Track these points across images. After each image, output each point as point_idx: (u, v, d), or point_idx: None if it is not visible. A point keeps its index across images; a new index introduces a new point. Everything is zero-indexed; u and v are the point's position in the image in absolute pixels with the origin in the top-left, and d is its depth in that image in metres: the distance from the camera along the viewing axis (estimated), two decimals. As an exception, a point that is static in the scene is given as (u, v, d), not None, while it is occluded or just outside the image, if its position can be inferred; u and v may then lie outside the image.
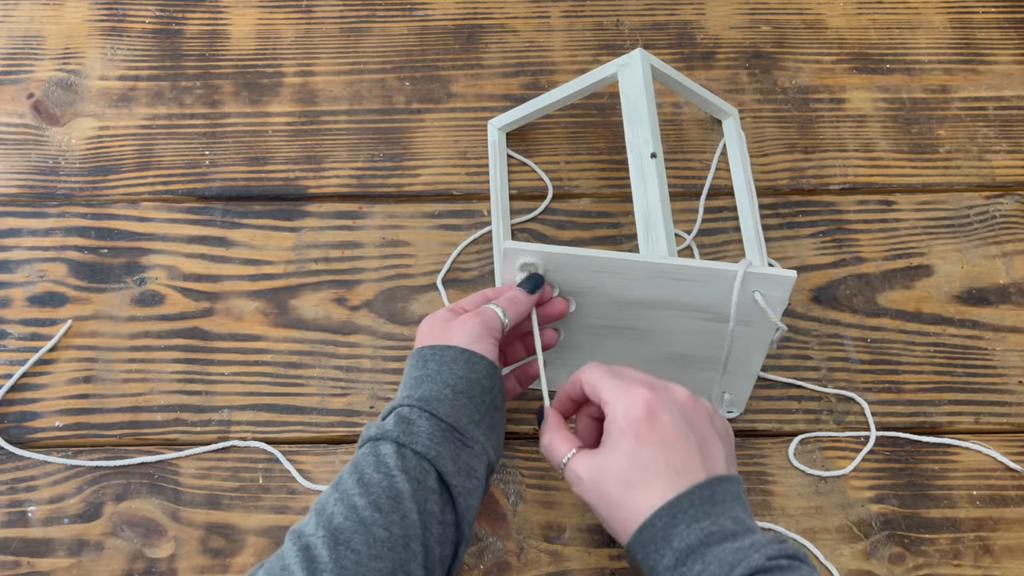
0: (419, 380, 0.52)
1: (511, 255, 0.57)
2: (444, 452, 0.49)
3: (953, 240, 0.74)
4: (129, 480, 0.65)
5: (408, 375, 0.54)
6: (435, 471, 0.49)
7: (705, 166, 0.77)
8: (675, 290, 0.57)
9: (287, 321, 0.71)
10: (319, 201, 0.75)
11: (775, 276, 0.56)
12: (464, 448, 0.50)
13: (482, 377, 0.52)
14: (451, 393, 0.51)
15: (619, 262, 0.57)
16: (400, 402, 0.51)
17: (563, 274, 0.58)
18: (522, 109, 0.76)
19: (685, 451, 0.47)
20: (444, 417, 0.50)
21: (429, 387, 0.51)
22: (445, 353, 0.53)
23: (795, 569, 0.44)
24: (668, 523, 0.45)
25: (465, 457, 0.50)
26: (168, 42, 0.82)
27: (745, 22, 0.84)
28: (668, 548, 0.45)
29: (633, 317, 0.60)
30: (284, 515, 0.64)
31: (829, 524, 0.64)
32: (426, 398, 0.51)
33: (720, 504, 0.46)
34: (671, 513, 0.45)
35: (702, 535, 0.44)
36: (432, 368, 0.52)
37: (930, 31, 0.84)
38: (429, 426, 0.49)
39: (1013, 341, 0.71)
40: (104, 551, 0.63)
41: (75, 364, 0.69)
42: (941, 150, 0.78)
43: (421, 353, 0.54)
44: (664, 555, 0.45)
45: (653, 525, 0.45)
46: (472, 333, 0.53)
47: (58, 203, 0.75)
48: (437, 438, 0.49)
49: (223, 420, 0.67)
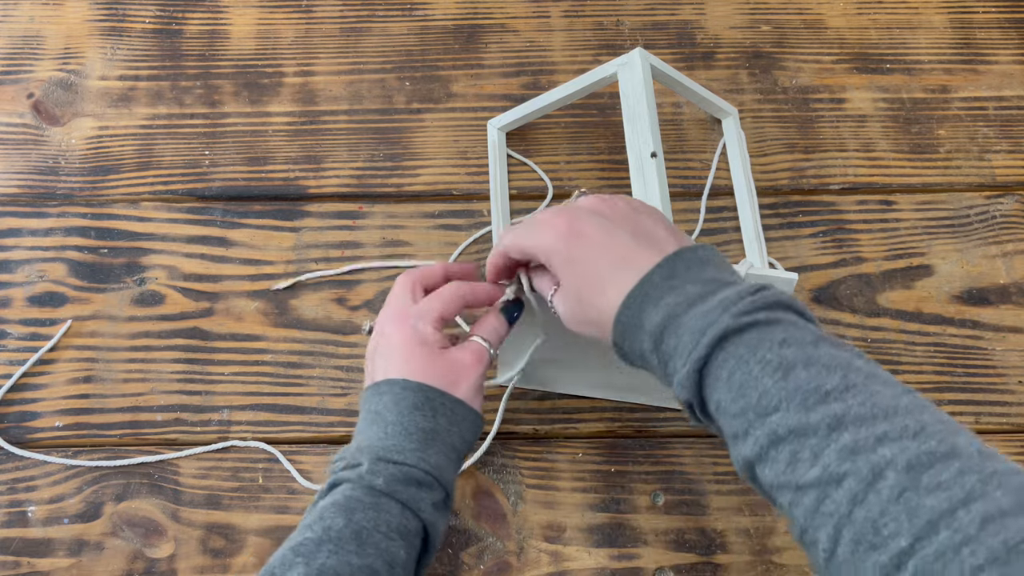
0: (429, 435, 0.50)
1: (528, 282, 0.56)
2: (439, 519, 0.50)
3: (953, 240, 0.74)
4: (129, 480, 0.65)
5: (411, 417, 0.50)
6: (424, 535, 0.49)
7: (705, 166, 0.77)
8: None
9: (287, 321, 0.70)
10: (319, 201, 0.75)
11: (777, 278, 0.56)
12: (448, 512, 0.51)
13: (475, 438, 0.53)
14: (456, 458, 0.52)
15: None
16: (413, 460, 0.48)
17: None
18: (522, 109, 0.76)
19: (621, 246, 0.45)
20: (447, 485, 0.50)
21: (439, 448, 0.50)
22: (455, 412, 0.51)
23: (773, 324, 0.41)
24: (636, 312, 0.44)
25: (446, 520, 0.51)
26: (168, 42, 0.82)
27: (745, 22, 0.84)
28: (643, 333, 0.44)
29: None
30: (284, 515, 0.64)
31: (829, 524, 0.64)
32: (440, 466, 0.50)
33: (683, 275, 0.44)
34: (637, 301, 0.44)
35: (668, 309, 0.43)
36: (442, 424, 0.50)
37: (930, 31, 0.83)
38: (435, 495, 0.50)
39: (1013, 341, 0.71)
40: (104, 551, 0.63)
41: (75, 364, 0.69)
42: (941, 150, 0.78)
43: (428, 397, 0.50)
44: (643, 341, 0.44)
45: (621, 322, 0.45)
46: (477, 385, 0.52)
47: (58, 203, 0.75)
48: (440, 506, 0.50)
49: (223, 420, 0.67)
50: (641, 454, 0.66)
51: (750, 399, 0.39)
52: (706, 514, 0.64)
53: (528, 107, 0.75)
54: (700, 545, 0.63)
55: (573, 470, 0.65)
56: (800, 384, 0.38)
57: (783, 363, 0.39)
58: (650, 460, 0.65)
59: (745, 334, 0.40)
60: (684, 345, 0.42)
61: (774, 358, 0.40)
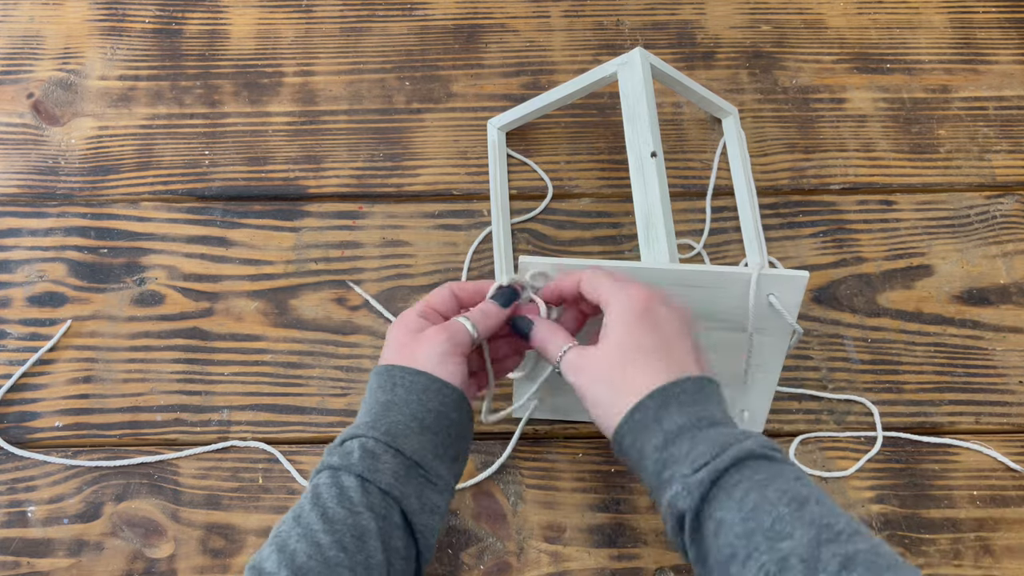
0: (386, 407, 0.50)
1: (526, 269, 0.56)
2: (409, 491, 0.48)
3: (953, 240, 0.74)
4: (129, 480, 0.65)
5: (374, 396, 0.51)
6: (399, 508, 0.47)
7: (706, 166, 0.77)
8: (688, 298, 0.56)
9: (287, 321, 0.70)
10: (319, 201, 0.75)
11: (789, 277, 0.55)
12: (428, 484, 0.49)
13: (450, 409, 0.51)
14: (417, 427, 0.49)
15: (631, 271, 0.56)
16: (364, 431, 0.49)
17: None
18: (522, 109, 0.76)
19: (682, 343, 0.49)
20: (410, 454, 0.48)
21: (395, 418, 0.49)
22: (415, 381, 0.50)
23: (784, 462, 0.45)
24: (661, 405, 0.46)
25: (429, 493, 0.49)
26: (168, 42, 0.82)
27: (745, 22, 0.84)
28: (658, 429, 0.46)
29: None
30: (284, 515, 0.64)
31: (829, 524, 0.64)
32: (392, 432, 0.49)
33: (708, 399, 0.47)
34: (664, 397, 0.46)
35: (692, 418, 0.46)
36: (400, 395, 0.50)
37: (930, 31, 0.83)
38: (394, 463, 0.48)
39: (1013, 341, 0.70)
40: (104, 551, 0.63)
41: (75, 364, 0.69)
42: (941, 150, 0.78)
43: (390, 373, 0.51)
44: (654, 435, 0.46)
45: (646, 406, 0.47)
46: (438, 352, 0.51)
47: (58, 203, 0.75)
48: (402, 475, 0.48)
49: (223, 420, 0.67)
50: (641, 454, 0.66)
51: (762, 522, 0.41)
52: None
53: (528, 107, 0.75)
54: (700, 545, 0.63)
55: (573, 470, 0.65)
56: (814, 518, 0.41)
57: (798, 496, 0.42)
58: (650, 460, 0.65)
59: (764, 462, 0.44)
60: (699, 454, 0.44)
61: (790, 489, 0.42)
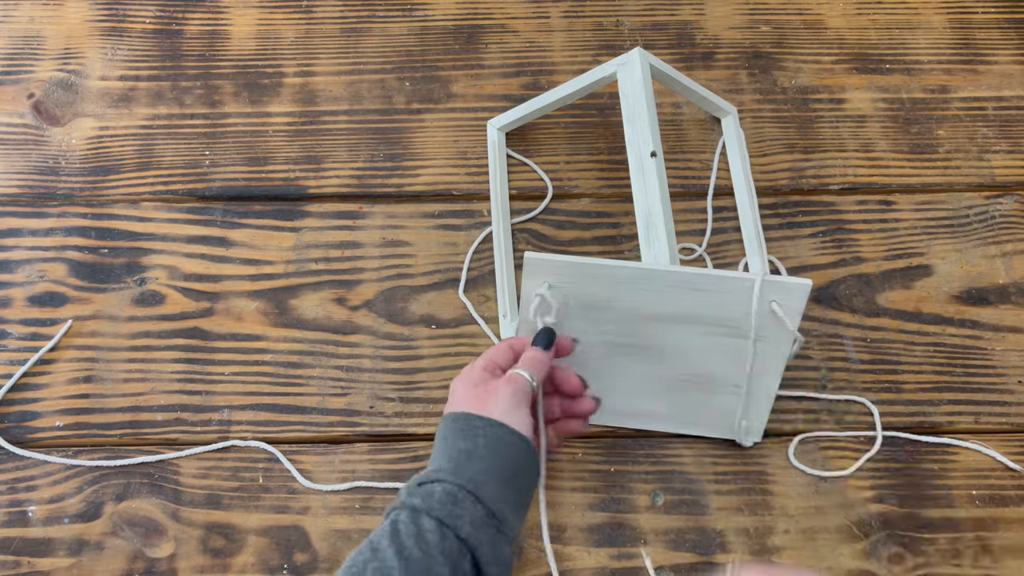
0: (468, 455, 0.51)
1: (532, 265, 0.56)
2: (484, 540, 0.49)
3: (953, 240, 0.75)
4: (129, 480, 0.65)
5: (453, 443, 0.52)
6: (472, 557, 0.49)
7: (705, 166, 0.77)
8: (690, 302, 0.56)
9: (287, 321, 0.71)
10: (319, 201, 0.75)
11: (792, 285, 0.55)
12: (500, 535, 0.50)
13: (523, 461, 0.52)
14: (498, 480, 0.51)
15: (635, 271, 0.56)
16: (447, 477, 0.50)
17: (579, 286, 0.57)
18: (521, 109, 0.76)
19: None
20: (489, 503, 0.50)
21: (478, 467, 0.51)
22: (495, 433, 0.52)
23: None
24: None
25: (500, 544, 0.50)
26: (168, 42, 0.82)
27: (745, 22, 0.84)
28: None
29: (648, 334, 0.59)
30: (284, 515, 0.64)
31: (829, 524, 0.64)
32: (476, 480, 0.50)
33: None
34: None
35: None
36: (481, 445, 0.52)
37: (930, 31, 0.84)
38: (474, 511, 0.49)
39: (1012, 341, 0.71)
40: (104, 551, 0.63)
41: (75, 364, 0.69)
42: (941, 150, 0.78)
43: (469, 422, 0.53)
44: None
45: None
46: (509, 404, 0.53)
47: (58, 203, 0.75)
48: (479, 523, 0.49)
49: (223, 420, 0.67)
50: (641, 454, 0.66)
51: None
52: (706, 514, 0.64)
53: (528, 107, 0.75)
54: (700, 545, 0.63)
55: (573, 470, 0.65)
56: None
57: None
58: (650, 460, 0.65)
59: None
60: None
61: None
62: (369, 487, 0.65)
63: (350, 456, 0.66)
